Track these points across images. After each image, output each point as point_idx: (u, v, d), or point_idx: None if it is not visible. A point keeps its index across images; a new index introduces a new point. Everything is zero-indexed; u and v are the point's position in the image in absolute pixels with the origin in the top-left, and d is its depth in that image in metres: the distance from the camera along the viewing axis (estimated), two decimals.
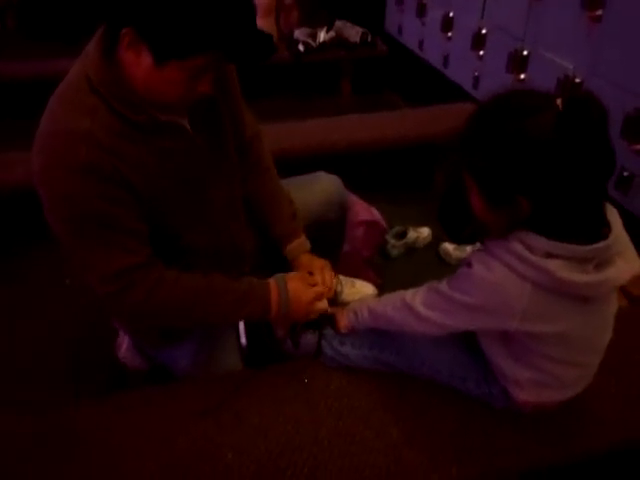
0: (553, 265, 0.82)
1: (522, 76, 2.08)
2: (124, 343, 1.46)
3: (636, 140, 1.57)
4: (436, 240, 2.05)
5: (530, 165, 0.78)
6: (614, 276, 0.85)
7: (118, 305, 1.01)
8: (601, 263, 0.83)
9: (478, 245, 1.94)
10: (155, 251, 1.02)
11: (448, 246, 1.98)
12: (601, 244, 0.82)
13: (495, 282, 0.86)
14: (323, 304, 1.17)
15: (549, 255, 0.82)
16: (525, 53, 2.04)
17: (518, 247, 0.83)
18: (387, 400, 1.10)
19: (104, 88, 0.89)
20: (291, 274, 1.17)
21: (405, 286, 1.71)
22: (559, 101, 0.76)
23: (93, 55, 0.90)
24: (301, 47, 2.98)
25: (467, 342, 1.10)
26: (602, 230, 0.84)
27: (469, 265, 0.91)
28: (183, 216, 1.05)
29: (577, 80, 1.79)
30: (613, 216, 0.87)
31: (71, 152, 0.87)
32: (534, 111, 0.77)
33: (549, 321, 0.88)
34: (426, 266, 1.98)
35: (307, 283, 1.16)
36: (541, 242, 0.82)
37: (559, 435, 1.03)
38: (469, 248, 1.94)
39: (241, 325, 1.27)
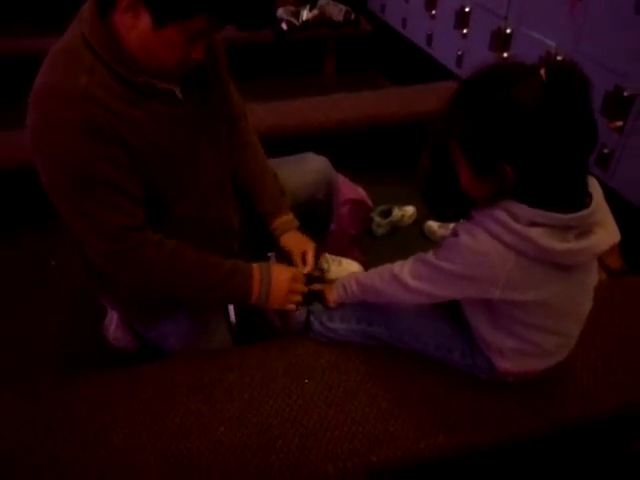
0: (535, 233, 0.84)
1: (505, 54, 2.09)
2: (113, 322, 1.46)
3: (616, 117, 1.60)
4: (421, 218, 2.07)
5: (514, 132, 0.80)
6: (594, 244, 0.87)
7: (124, 264, 1.01)
8: (582, 232, 0.86)
9: (462, 222, 1.98)
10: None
11: (433, 224, 2.01)
12: (582, 212, 0.84)
13: (480, 251, 0.89)
14: (300, 293, 1.17)
15: (533, 223, 0.84)
16: (508, 31, 2.05)
17: (503, 216, 0.86)
18: (375, 373, 1.13)
19: (101, 49, 0.89)
20: (275, 263, 1.19)
21: (389, 263, 1.74)
22: (543, 71, 0.79)
23: (88, 17, 0.89)
24: (284, 26, 2.95)
25: (453, 314, 1.13)
26: (583, 200, 0.87)
27: (455, 234, 0.93)
28: (174, 184, 1.05)
29: (559, 58, 1.80)
30: (594, 187, 0.89)
31: (69, 109, 0.86)
32: (519, 80, 0.79)
33: (531, 289, 0.91)
34: (411, 244, 2.00)
35: (290, 273, 1.17)
36: (525, 210, 0.84)
37: (543, 405, 1.07)
38: (453, 226, 1.96)
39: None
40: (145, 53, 0.90)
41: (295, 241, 1.28)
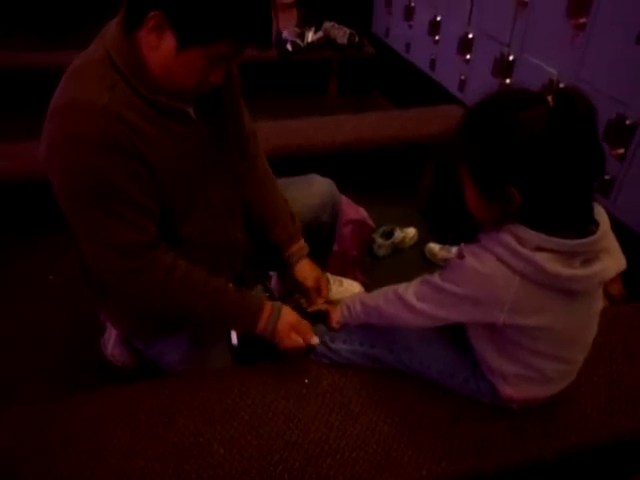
0: (541, 258, 0.84)
1: (507, 80, 2.12)
2: (111, 339, 1.45)
3: (617, 144, 1.62)
4: (422, 240, 2.07)
5: (521, 156, 0.80)
6: (600, 272, 0.87)
7: (134, 282, 1.01)
8: (588, 259, 0.86)
9: (463, 245, 1.99)
10: None
11: (434, 246, 2.01)
12: (588, 239, 0.85)
13: (485, 274, 0.89)
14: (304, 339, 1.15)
15: (538, 248, 0.84)
16: (511, 58, 2.08)
17: (509, 239, 0.86)
18: (377, 396, 1.11)
19: (124, 66, 0.90)
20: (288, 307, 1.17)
21: (390, 285, 1.74)
22: (550, 97, 0.80)
23: (114, 34, 0.91)
24: (289, 47, 2.99)
25: (456, 338, 1.12)
26: (589, 227, 0.87)
27: (461, 256, 0.93)
28: (185, 203, 1.05)
29: (561, 85, 1.83)
30: (601, 215, 0.89)
31: (90, 124, 0.87)
32: (527, 105, 0.81)
33: (536, 314, 0.91)
34: (412, 266, 2.00)
35: (299, 319, 1.15)
36: (531, 235, 0.84)
37: (546, 432, 1.05)
38: (454, 249, 1.96)
39: None
40: (165, 74, 0.91)
41: (310, 272, 1.29)
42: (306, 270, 1.29)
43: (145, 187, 0.95)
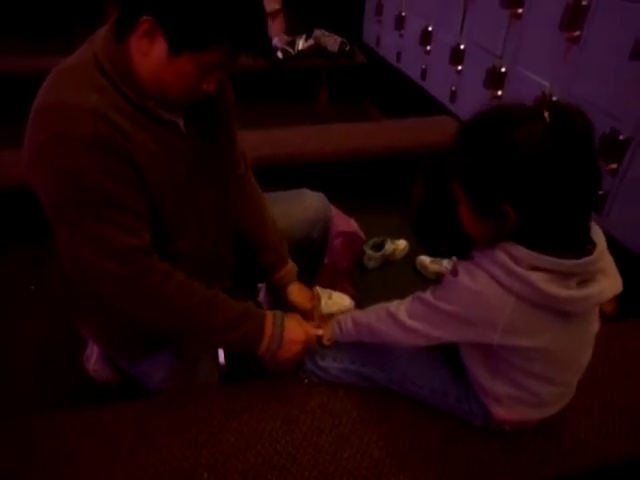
0: (536, 277, 0.82)
1: (499, 92, 2.11)
2: (94, 354, 1.40)
3: (611, 160, 1.61)
4: (413, 253, 2.05)
5: (517, 174, 0.78)
6: (597, 293, 0.85)
7: (128, 290, 0.95)
8: (584, 280, 0.84)
9: (454, 259, 1.97)
10: None
11: (425, 259, 1.99)
12: (585, 259, 0.82)
13: (478, 292, 0.86)
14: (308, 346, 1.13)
15: (534, 268, 0.82)
16: (503, 70, 2.07)
17: (503, 258, 0.83)
18: (369, 417, 1.08)
19: (112, 71, 0.87)
20: (289, 314, 1.14)
21: (381, 299, 1.71)
22: (547, 114, 0.78)
23: (104, 39, 0.88)
24: (280, 54, 2.97)
25: (449, 358, 1.10)
26: (586, 247, 0.85)
27: (455, 273, 0.90)
28: (177, 216, 1.02)
29: (554, 98, 1.82)
30: (598, 235, 0.87)
31: (78, 125, 0.83)
32: (523, 121, 0.79)
33: (531, 336, 0.88)
34: (402, 278, 1.98)
35: (302, 326, 1.12)
36: (525, 254, 0.82)
37: (539, 455, 1.03)
38: (445, 261, 1.95)
39: None
40: (155, 80, 0.89)
41: (303, 295, 1.28)
42: (298, 294, 1.28)
43: (136, 191, 0.92)
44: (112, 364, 1.35)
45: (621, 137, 1.57)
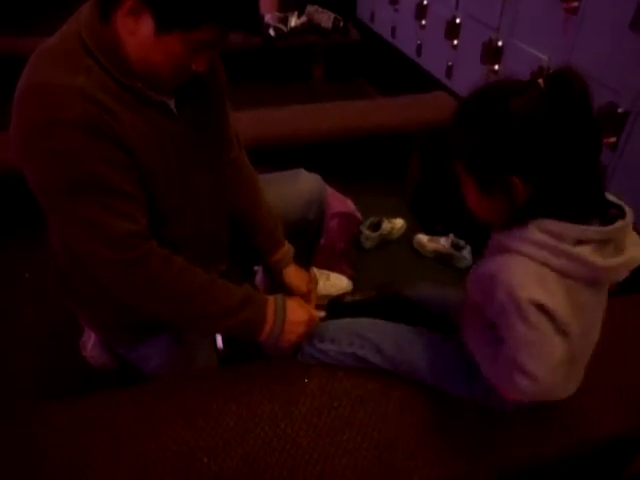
0: (585, 251, 0.78)
1: (496, 67, 2.07)
2: (90, 340, 1.39)
3: (609, 133, 1.58)
4: (410, 232, 2.04)
5: (515, 141, 0.77)
6: (630, 259, 0.81)
7: (127, 276, 0.93)
8: (617, 246, 0.81)
9: (451, 236, 1.96)
10: None
11: (422, 237, 1.98)
12: (621, 223, 0.80)
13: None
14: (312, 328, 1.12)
15: (578, 241, 0.79)
16: (499, 44, 2.02)
17: (543, 237, 0.79)
18: (367, 398, 1.08)
19: (97, 50, 0.84)
20: (289, 296, 1.12)
21: (378, 277, 1.70)
22: (541, 80, 0.77)
23: (88, 17, 0.85)
24: (272, 32, 2.91)
25: (448, 338, 1.09)
26: (610, 211, 0.82)
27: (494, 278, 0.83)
28: (170, 198, 0.99)
29: (551, 72, 1.78)
30: (618, 200, 0.84)
31: (66, 107, 0.80)
32: (518, 91, 0.78)
33: (577, 318, 0.82)
34: (400, 258, 1.97)
35: (304, 307, 1.11)
36: (567, 227, 0.78)
37: (539, 434, 1.03)
38: (443, 240, 1.93)
39: None
40: (143, 59, 0.85)
41: (300, 278, 1.26)
42: (295, 276, 1.26)
43: (128, 174, 0.89)
44: (109, 350, 1.34)
45: (620, 110, 1.54)
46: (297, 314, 1.07)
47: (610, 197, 0.85)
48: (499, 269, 0.83)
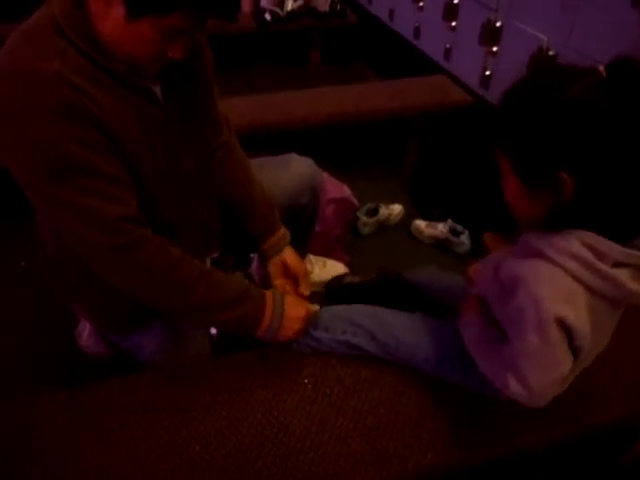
0: (622, 275, 0.74)
1: (494, 48, 2.03)
2: (86, 329, 1.39)
3: None
4: (408, 217, 2.02)
5: (571, 131, 0.70)
6: None
7: (121, 262, 0.91)
8: None
9: (449, 222, 1.94)
10: None
11: (420, 223, 1.96)
12: None
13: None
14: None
15: (617, 264, 0.75)
16: (498, 24, 1.99)
17: (584, 252, 0.74)
18: (361, 386, 1.07)
19: (73, 33, 0.81)
20: (286, 292, 1.11)
21: (375, 264, 1.69)
22: (602, 67, 0.70)
23: (62, 0, 0.82)
24: (268, 16, 2.86)
25: (444, 324, 1.08)
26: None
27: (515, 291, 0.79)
28: (156, 183, 0.97)
29: (551, 53, 1.75)
30: None
31: (42, 93, 0.78)
32: (576, 78, 0.71)
33: (595, 333, 0.79)
34: (398, 244, 1.95)
35: (301, 303, 1.09)
36: (610, 247, 0.74)
37: (534, 421, 1.01)
38: (441, 225, 1.91)
39: None
40: (117, 44, 0.83)
41: (297, 259, 1.24)
42: (293, 258, 1.23)
43: (111, 158, 0.87)
44: (104, 339, 1.34)
45: None
46: (295, 310, 1.06)
47: None
48: (528, 274, 0.78)
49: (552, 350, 0.78)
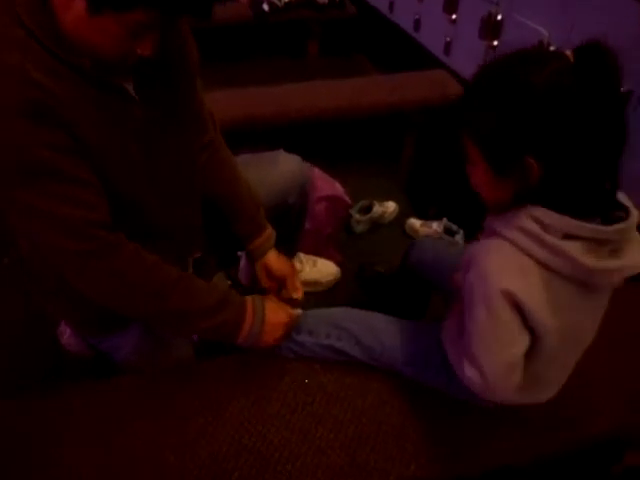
0: (571, 247, 0.73)
1: (495, 42, 1.98)
2: (67, 329, 1.36)
3: None
4: (402, 215, 1.97)
5: (538, 117, 0.69)
6: (630, 265, 0.76)
7: (90, 269, 0.87)
8: (615, 249, 0.75)
9: (444, 221, 1.89)
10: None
11: (415, 222, 1.91)
12: (622, 225, 0.73)
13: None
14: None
15: (567, 236, 0.73)
16: (499, 18, 1.93)
17: (532, 225, 0.74)
18: (344, 394, 1.04)
19: (36, 26, 0.76)
20: (267, 297, 1.07)
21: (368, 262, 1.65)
22: (569, 52, 0.70)
23: None
24: (266, 7, 2.81)
25: (429, 330, 1.04)
26: (614, 214, 0.76)
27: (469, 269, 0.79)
28: (135, 187, 0.93)
29: (552, 47, 1.70)
30: (626, 200, 0.78)
31: (5, 90, 0.74)
32: (544, 62, 0.70)
33: (552, 312, 0.77)
34: (391, 242, 1.90)
35: (283, 307, 1.06)
36: (558, 220, 0.73)
37: (521, 433, 0.98)
38: (435, 224, 1.87)
39: None
40: (81, 38, 0.78)
41: (282, 263, 1.21)
42: (276, 261, 1.21)
43: (78, 160, 0.82)
44: (85, 339, 1.30)
45: (622, 89, 1.46)
46: (276, 315, 1.02)
47: (619, 197, 0.78)
48: (479, 252, 0.79)
49: (501, 327, 0.77)
